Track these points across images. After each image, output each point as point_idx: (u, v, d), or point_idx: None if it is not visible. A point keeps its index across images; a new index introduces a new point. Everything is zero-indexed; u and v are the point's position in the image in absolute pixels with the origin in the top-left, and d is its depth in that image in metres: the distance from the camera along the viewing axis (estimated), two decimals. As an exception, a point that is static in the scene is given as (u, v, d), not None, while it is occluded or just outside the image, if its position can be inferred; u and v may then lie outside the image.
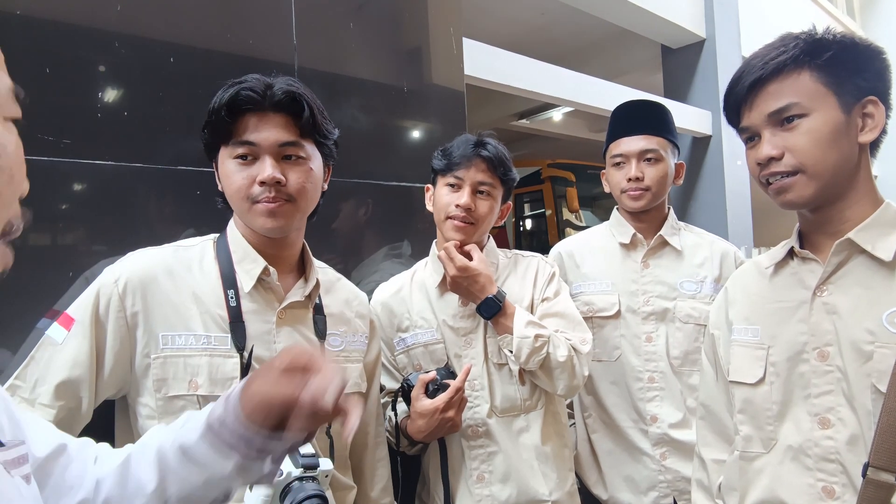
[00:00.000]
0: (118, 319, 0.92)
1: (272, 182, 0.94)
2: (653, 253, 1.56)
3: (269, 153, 0.95)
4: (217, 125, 0.96)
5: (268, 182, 0.94)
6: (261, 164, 0.95)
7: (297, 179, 0.97)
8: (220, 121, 0.95)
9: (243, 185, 0.95)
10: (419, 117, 1.89)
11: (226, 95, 0.94)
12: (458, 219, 1.30)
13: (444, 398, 1.18)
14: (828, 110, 0.86)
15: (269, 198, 0.95)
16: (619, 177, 1.55)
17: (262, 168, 0.94)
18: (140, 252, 1.00)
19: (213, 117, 0.96)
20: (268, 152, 0.95)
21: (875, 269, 0.86)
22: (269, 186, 0.94)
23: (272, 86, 0.96)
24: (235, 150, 0.96)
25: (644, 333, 1.52)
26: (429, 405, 1.19)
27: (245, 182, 0.95)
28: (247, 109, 0.95)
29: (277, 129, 0.96)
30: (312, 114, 0.98)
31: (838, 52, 0.86)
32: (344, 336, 1.12)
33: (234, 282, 0.99)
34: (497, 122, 6.83)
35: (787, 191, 0.88)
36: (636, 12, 4.18)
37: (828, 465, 0.86)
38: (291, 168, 0.97)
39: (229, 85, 0.96)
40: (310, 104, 0.98)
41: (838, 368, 0.87)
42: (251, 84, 0.95)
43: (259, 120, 0.95)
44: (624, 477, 1.53)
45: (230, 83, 0.97)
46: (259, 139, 0.95)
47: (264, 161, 0.95)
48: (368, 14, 1.74)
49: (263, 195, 0.95)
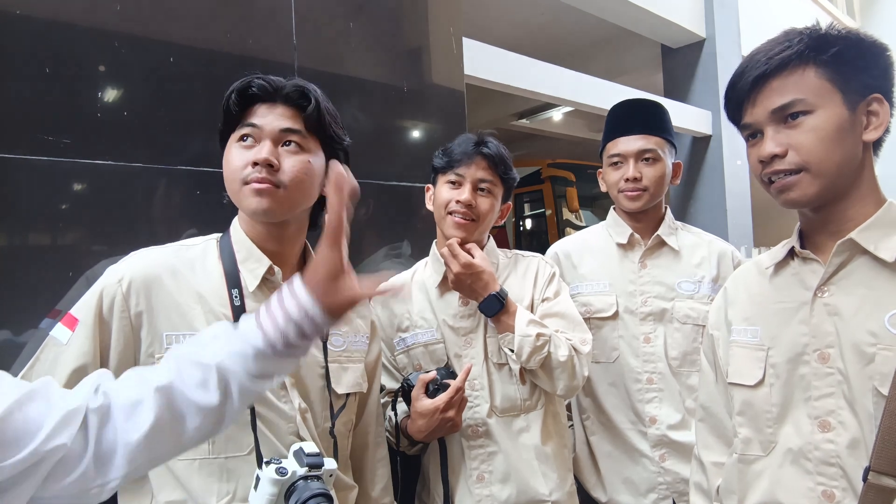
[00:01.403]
0: (122, 319, 0.92)
1: (264, 163, 0.95)
2: (650, 253, 1.56)
3: (269, 137, 0.97)
4: (228, 113, 0.98)
5: (260, 163, 0.95)
6: (259, 147, 0.97)
7: (291, 166, 0.97)
8: (230, 108, 0.97)
9: (238, 166, 0.96)
10: (419, 117, 1.89)
11: (239, 83, 0.98)
12: (458, 214, 1.30)
13: (445, 398, 1.18)
14: (833, 107, 0.84)
15: (258, 178, 0.95)
16: (616, 176, 1.55)
17: (259, 150, 0.96)
18: (143, 251, 0.99)
19: (226, 105, 0.98)
20: (268, 136, 0.97)
21: (877, 270, 0.85)
22: (260, 167, 0.95)
23: (284, 81, 1.00)
24: (239, 133, 0.98)
25: (642, 334, 1.52)
26: (429, 405, 1.19)
27: (241, 164, 0.96)
28: (257, 99, 0.98)
29: (282, 118, 0.98)
30: (318, 109, 1.00)
31: (843, 49, 0.84)
32: (346, 336, 1.12)
33: (238, 281, 0.99)
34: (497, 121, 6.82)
35: (790, 189, 0.87)
36: (636, 12, 4.18)
37: (828, 468, 0.86)
38: (287, 155, 0.98)
39: (245, 78, 0.99)
40: (317, 98, 1.00)
41: (839, 371, 0.86)
42: (264, 76, 0.98)
43: (266, 107, 0.98)
44: (623, 479, 1.53)
45: (246, 77, 1.00)
46: (263, 122, 0.97)
47: (263, 144, 0.97)
48: (368, 14, 1.74)
49: (253, 175, 0.95)
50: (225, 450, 0.93)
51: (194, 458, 0.91)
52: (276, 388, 0.99)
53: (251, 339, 0.70)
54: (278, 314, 0.71)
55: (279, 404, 0.98)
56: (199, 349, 0.71)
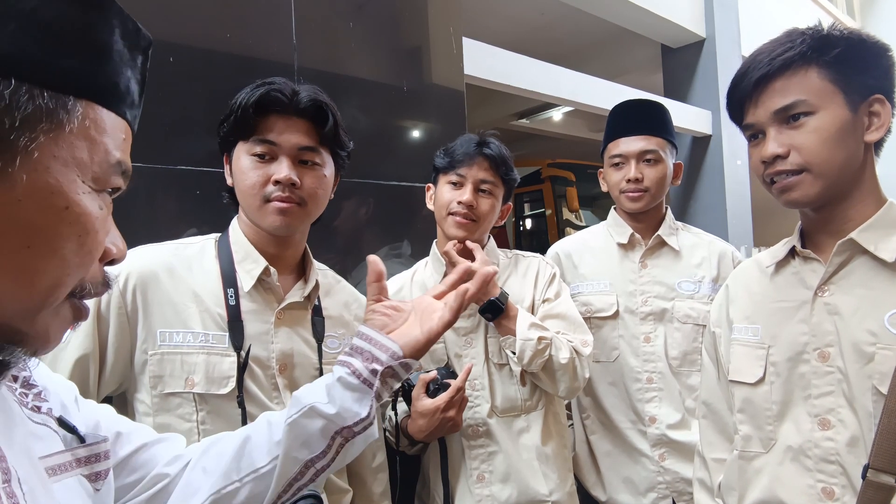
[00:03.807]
0: (119, 316, 0.92)
1: (287, 182, 0.96)
2: (651, 253, 1.56)
3: (287, 154, 0.97)
4: (240, 121, 0.97)
5: (283, 182, 0.96)
6: (278, 165, 0.97)
7: (310, 184, 0.99)
8: (244, 117, 0.96)
9: (258, 182, 0.97)
10: (419, 117, 1.89)
11: (255, 94, 0.96)
12: (459, 215, 1.30)
13: (446, 397, 1.18)
14: (835, 108, 0.84)
15: (281, 197, 0.96)
16: (617, 177, 1.55)
17: (279, 168, 0.96)
18: (140, 249, 1.00)
19: (239, 113, 0.97)
20: (286, 154, 0.97)
21: (877, 270, 0.85)
22: (283, 186, 0.96)
23: (299, 92, 0.98)
24: (255, 148, 0.97)
25: (642, 334, 1.52)
26: (430, 405, 1.19)
27: (260, 180, 0.97)
28: (273, 110, 0.97)
29: (299, 134, 0.98)
30: (335, 124, 1.01)
31: (846, 50, 0.84)
32: (342, 338, 1.12)
33: (234, 281, 1.00)
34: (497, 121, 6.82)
35: (792, 189, 0.87)
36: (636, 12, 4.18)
37: (828, 466, 0.86)
38: (307, 172, 0.99)
39: (258, 84, 0.98)
40: (334, 114, 1.01)
41: (839, 369, 0.86)
42: (280, 86, 0.97)
43: (283, 122, 0.98)
44: (623, 478, 1.53)
45: (259, 83, 0.98)
46: (280, 140, 0.97)
47: (281, 162, 0.97)
48: (368, 14, 1.74)
49: (276, 194, 0.96)
50: None
51: None
52: (268, 389, 0.99)
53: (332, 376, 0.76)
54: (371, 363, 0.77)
55: (271, 405, 0.98)
56: None
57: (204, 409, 0.93)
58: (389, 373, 0.76)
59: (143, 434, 0.72)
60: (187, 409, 0.93)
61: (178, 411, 0.92)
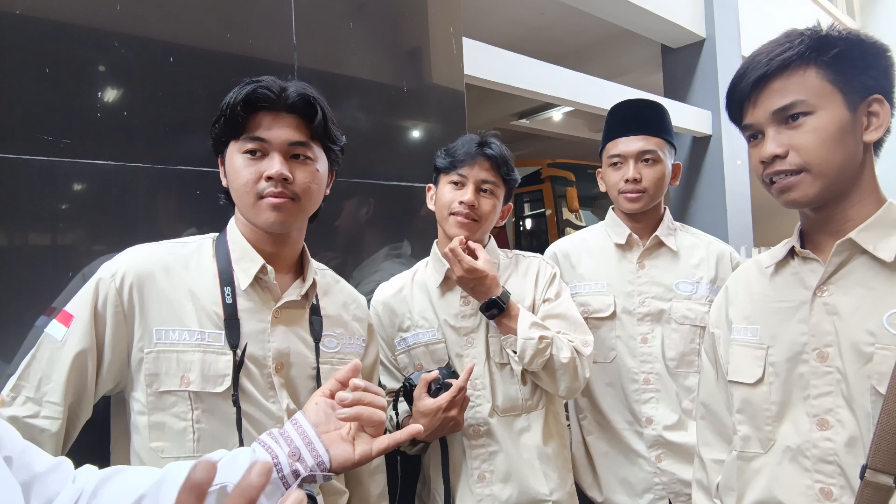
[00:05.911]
0: (116, 314, 0.93)
1: (279, 178, 0.96)
2: (648, 253, 1.56)
3: (278, 150, 0.97)
4: (230, 120, 0.98)
5: (275, 177, 0.96)
6: (269, 161, 0.97)
7: (303, 179, 0.99)
8: (233, 116, 0.97)
9: (250, 179, 0.97)
10: (419, 117, 1.89)
11: (242, 91, 0.96)
12: (461, 215, 1.30)
13: (448, 397, 1.18)
14: (834, 108, 0.85)
15: (274, 192, 0.96)
16: (616, 177, 1.55)
17: (271, 164, 0.96)
18: (137, 247, 1.00)
19: (228, 112, 0.97)
20: (277, 150, 0.97)
21: (876, 270, 0.85)
22: (275, 182, 0.96)
23: (287, 88, 0.99)
24: (245, 146, 0.98)
25: (640, 335, 1.52)
26: (431, 404, 1.19)
27: (252, 177, 0.97)
28: (261, 107, 0.97)
29: (289, 129, 0.98)
30: (324, 118, 1.01)
31: (845, 50, 0.84)
32: (340, 338, 1.12)
33: (231, 279, 1.00)
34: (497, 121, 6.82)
35: (792, 189, 0.87)
36: (636, 12, 4.18)
37: (826, 466, 0.86)
38: (299, 167, 0.99)
39: (245, 83, 0.98)
40: (323, 108, 1.01)
41: (838, 370, 0.86)
42: (268, 83, 0.97)
43: (272, 118, 0.98)
44: (619, 479, 1.53)
45: (246, 81, 0.98)
46: (270, 136, 0.97)
47: (273, 158, 0.97)
48: (368, 14, 1.74)
49: (269, 190, 0.96)
50: (210, 448, 0.92)
51: (178, 457, 0.91)
52: (264, 387, 0.99)
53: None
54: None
55: (267, 404, 0.98)
56: None
57: (199, 407, 0.93)
58: (310, 479, 0.78)
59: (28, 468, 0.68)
60: (182, 407, 0.93)
61: (173, 410, 0.92)
